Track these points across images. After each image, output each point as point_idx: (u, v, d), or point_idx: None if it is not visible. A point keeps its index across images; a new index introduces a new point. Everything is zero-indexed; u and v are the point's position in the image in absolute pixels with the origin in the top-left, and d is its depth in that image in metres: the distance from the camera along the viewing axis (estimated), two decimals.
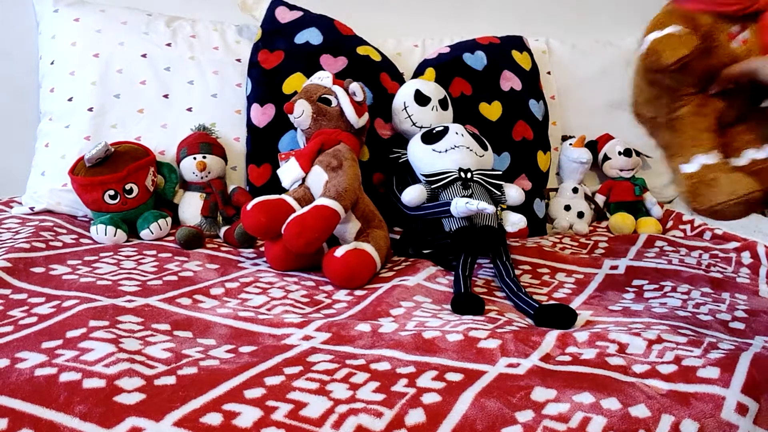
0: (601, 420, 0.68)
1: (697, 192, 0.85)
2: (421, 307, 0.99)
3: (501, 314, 0.99)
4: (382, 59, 1.53)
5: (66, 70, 1.47)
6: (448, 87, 1.49)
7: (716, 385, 0.74)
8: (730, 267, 1.25)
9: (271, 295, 1.02)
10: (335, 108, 1.26)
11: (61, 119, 1.44)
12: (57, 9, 1.53)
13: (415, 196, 1.20)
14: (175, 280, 1.05)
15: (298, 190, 1.20)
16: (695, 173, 0.85)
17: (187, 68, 1.50)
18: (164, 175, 1.37)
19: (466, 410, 0.68)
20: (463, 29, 1.74)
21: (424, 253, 1.25)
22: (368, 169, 1.41)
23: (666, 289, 1.11)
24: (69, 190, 1.33)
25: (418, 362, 0.79)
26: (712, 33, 0.86)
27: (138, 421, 0.63)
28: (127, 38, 1.50)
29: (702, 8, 0.87)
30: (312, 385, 0.71)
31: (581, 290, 1.12)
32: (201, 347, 0.81)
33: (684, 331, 0.90)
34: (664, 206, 1.67)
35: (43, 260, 1.09)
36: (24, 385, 0.68)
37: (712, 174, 0.84)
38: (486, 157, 1.29)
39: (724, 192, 0.82)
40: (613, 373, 0.77)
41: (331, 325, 0.89)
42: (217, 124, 1.46)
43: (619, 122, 1.74)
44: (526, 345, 0.84)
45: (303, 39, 1.48)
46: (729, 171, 0.85)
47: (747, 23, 0.87)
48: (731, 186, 0.82)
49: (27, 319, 0.86)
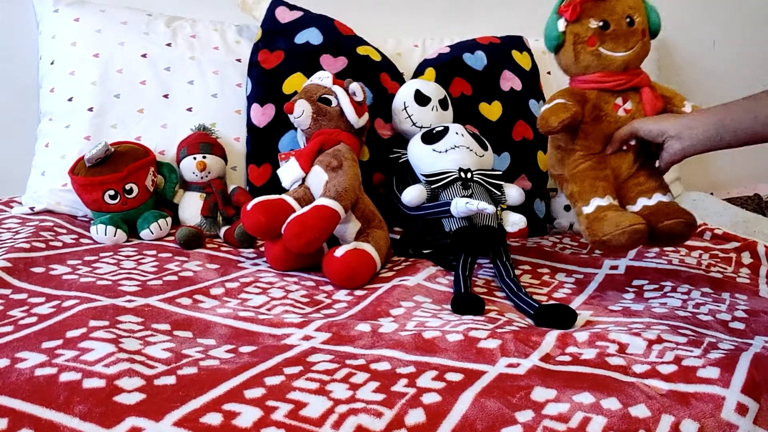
0: (601, 420, 0.68)
1: (591, 227, 1.03)
2: (421, 307, 0.99)
3: (501, 314, 0.99)
4: (382, 59, 1.53)
5: (66, 70, 1.47)
6: (448, 87, 1.49)
7: (716, 385, 0.74)
8: (730, 267, 1.25)
9: (271, 295, 1.02)
10: (335, 108, 1.26)
11: (61, 119, 1.44)
12: (57, 9, 1.53)
13: (415, 196, 1.20)
14: (175, 280, 1.05)
15: (298, 190, 1.20)
16: (591, 213, 1.05)
17: (187, 68, 1.50)
18: (164, 175, 1.37)
19: (466, 410, 0.68)
20: (463, 29, 1.74)
21: (424, 253, 1.25)
22: (368, 169, 1.41)
23: (666, 289, 1.11)
24: (69, 190, 1.33)
25: (418, 362, 0.79)
26: (599, 104, 1.08)
27: (138, 421, 0.63)
28: (127, 38, 1.50)
29: (588, 86, 1.10)
30: (312, 385, 0.71)
31: (581, 290, 1.12)
32: (201, 347, 0.81)
33: (684, 331, 0.90)
34: None
35: (43, 260, 1.09)
36: (24, 385, 0.68)
37: (603, 212, 1.03)
38: (486, 157, 1.29)
39: (612, 224, 1.00)
40: (613, 373, 0.77)
41: (331, 325, 0.89)
42: (217, 124, 1.46)
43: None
44: (526, 345, 0.84)
45: (303, 39, 1.48)
46: (618, 210, 1.04)
47: (628, 95, 1.09)
48: (617, 219, 1.00)
49: (27, 319, 0.86)
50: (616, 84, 1.09)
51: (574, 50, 1.09)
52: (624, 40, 1.08)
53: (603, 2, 1.08)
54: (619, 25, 1.08)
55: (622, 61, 1.09)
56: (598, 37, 1.08)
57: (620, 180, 1.09)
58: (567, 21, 1.09)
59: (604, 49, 1.08)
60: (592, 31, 1.08)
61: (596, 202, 1.05)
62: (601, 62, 1.09)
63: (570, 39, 1.09)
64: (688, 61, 2.02)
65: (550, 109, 1.06)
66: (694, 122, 1.00)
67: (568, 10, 1.08)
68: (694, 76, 2.02)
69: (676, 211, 1.04)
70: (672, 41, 1.99)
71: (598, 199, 1.05)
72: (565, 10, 1.09)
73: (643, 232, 0.99)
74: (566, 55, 1.12)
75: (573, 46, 1.09)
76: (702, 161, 2.01)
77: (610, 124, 1.08)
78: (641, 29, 1.10)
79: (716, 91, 2.05)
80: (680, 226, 1.03)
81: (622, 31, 1.08)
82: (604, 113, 1.08)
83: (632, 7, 1.10)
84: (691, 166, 1.93)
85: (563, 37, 1.10)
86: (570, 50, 1.10)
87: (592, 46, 1.08)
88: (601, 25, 1.08)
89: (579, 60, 1.10)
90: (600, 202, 1.05)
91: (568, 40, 1.10)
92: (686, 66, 2.02)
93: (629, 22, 1.09)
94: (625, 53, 1.09)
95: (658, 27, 1.14)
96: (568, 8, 1.08)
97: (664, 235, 1.03)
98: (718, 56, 2.03)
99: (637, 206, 1.08)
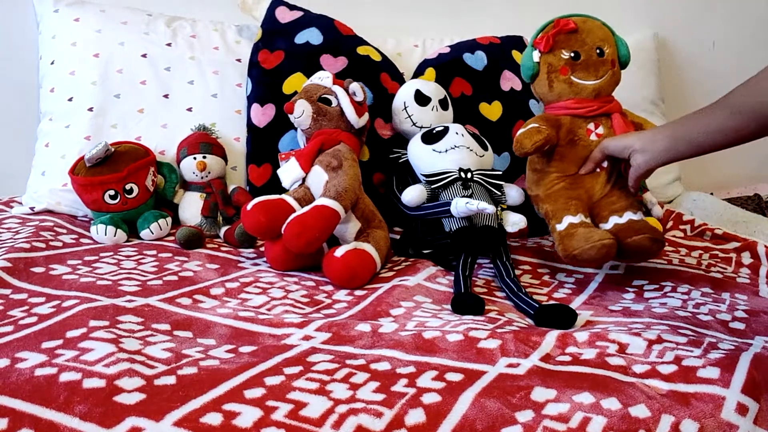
0: (601, 420, 0.68)
1: (563, 242, 1.09)
2: (421, 307, 0.99)
3: (501, 314, 0.99)
4: (382, 59, 1.53)
5: (66, 70, 1.47)
6: (449, 87, 1.49)
7: (716, 386, 0.74)
8: (730, 267, 1.25)
9: (271, 295, 1.02)
10: (335, 108, 1.26)
11: (62, 119, 1.44)
12: (57, 9, 1.53)
13: (415, 196, 1.20)
14: (175, 280, 1.05)
15: (298, 190, 1.20)
16: (563, 230, 1.11)
17: (187, 68, 1.50)
18: (164, 175, 1.37)
19: (466, 410, 0.68)
20: (464, 29, 1.74)
21: (424, 253, 1.25)
22: (368, 169, 1.41)
23: (666, 289, 1.11)
24: (69, 190, 1.33)
25: (418, 362, 0.79)
26: (573, 129, 1.17)
27: (138, 421, 0.63)
28: (128, 38, 1.50)
29: (562, 113, 1.18)
30: (312, 385, 0.71)
31: (581, 290, 1.12)
32: (201, 347, 0.81)
33: (684, 331, 0.90)
34: (665, 206, 1.67)
35: (43, 260, 1.09)
36: (24, 385, 0.68)
37: (574, 229, 1.09)
38: (486, 157, 1.29)
39: (581, 239, 1.06)
40: (613, 373, 0.77)
41: (331, 325, 0.89)
42: (217, 124, 1.46)
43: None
44: (526, 345, 0.84)
45: (303, 39, 1.48)
46: (588, 226, 1.10)
47: (600, 121, 1.18)
48: (587, 235, 1.06)
49: (27, 319, 0.86)
50: (588, 110, 1.17)
51: (548, 79, 1.18)
52: (594, 70, 1.17)
53: (574, 35, 1.18)
54: (589, 55, 1.17)
55: (592, 88, 1.18)
56: (569, 67, 1.17)
57: (594, 200, 1.16)
58: (541, 52, 1.18)
59: (575, 77, 1.17)
60: (564, 61, 1.17)
61: (568, 219, 1.12)
62: (573, 90, 1.18)
63: (544, 69, 1.18)
64: (688, 61, 2.02)
65: (524, 133, 1.14)
66: (656, 135, 1.07)
67: (542, 42, 1.17)
68: (694, 76, 2.02)
69: (644, 227, 1.10)
70: (672, 41, 1.99)
71: (570, 217, 1.12)
72: (540, 42, 1.18)
73: (611, 247, 1.05)
74: (541, 84, 1.20)
75: (547, 75, 1.18)
76: (702, 161, 2.00)
77: (584, 147, 1.16)
78: (611, 59, 1.19)
79: (716, 91, 2.03)
80: (646, 241, 1.08)
81: (592, 61, 1.17)
82: (578, 137, 1.16)
83: (602, 39, 1.19)
84: (691, 166, 1.93)
85: (538, 68, 1.19)
86: (544, 79, 1.19)
87: (564, 75, 1.17)
88: (572, 55, 1.17)
89: (553, 88, 1.19)
90: (572, 220, 1.11)
91: (542, 70, 1.19)
92: (686, 66, 2.02)
93: (599, 53, 1.18)
94: (596, 81, 1.17)
95: (627, 58, 1.22)
96: (542, 41, 1.18)
97: (632, 250, 1.08)
98: (718, 56, 2.03)
99: (609, 224, 1.14)
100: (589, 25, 1.20)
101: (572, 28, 1.18)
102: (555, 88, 1.18)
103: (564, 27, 1.17)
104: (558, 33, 1.17)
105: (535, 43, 1.19)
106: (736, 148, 0.99)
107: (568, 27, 1.17)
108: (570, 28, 1.17)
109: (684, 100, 2.01)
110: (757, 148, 1.94)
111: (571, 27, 1.18)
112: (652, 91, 1.84)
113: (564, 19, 1.19)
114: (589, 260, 1.07)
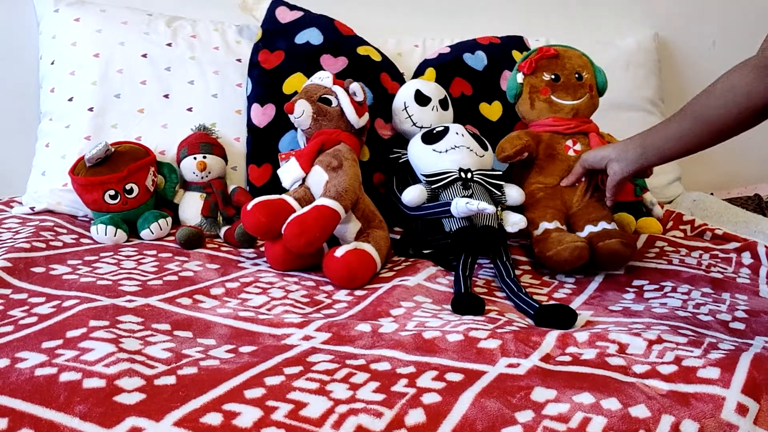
0: (601, 420, 0.68)
1: (538, 245, 1.18)
2: (421, 307, 0.99)
3: (501, 314, 0.99)
4: (382, 59, 1.53)
5: (66, 70, 1.47)
6: (449, 87, 1.49)
7: (716, 386, 0.74)
8: (730, 267, 1.25)
9: (272, 295, 1.02)
10: (335, 108, 1.26)
11: (62, 119, 1.44)
12: (57, 9, 1.53)
13: (416, 196, 1.20)
14: (176, 280, 1.05)
15: (298, 190, 1.20)
16: (539, 234, 1.19)
17: (187, 68, 1.50)
18: (164, 175, 1.37)
19: (466, 410, 0.68)
20: (464, 29, 1.74)
21: (425, 253, 1.25)
22: (368, 169, 1.41)
23: (666, 290, 1.11)
24: (69, 190, 1.33)
25: (418, 362, 0.79)
26: (552, 144, 1.26)
27: (138, 421, 0.63)
28: (128, 38, 1.50)
29: (542, 129, 1.28)
30: (312, 385, 0.71)
31: (581, 290, 1.12)
32: (201, 347, 0.81)
33: (684, 332, 0.90)
34: (665, 206, 1.67)
35: (43, 260, 1.09)
36: (24, 385, 0.68)
37: (549, 233, 1.17)
38: (486, 157, 1.29)
39: (555, 242, 1.14)
40: (613, 374, 0.77)
41: (331, 325, 0.89)
42: (218, 124, 1.46)
43: (619, 122, 1.74)
44: (526, 345, 0.84)
45: (303, 39, 1.48)
46: (563, 231, 1.18)
47: (578, 139, 1.27)
48: (560, 238, 1.14)
49: (27, 318, 0.86)
50: (566, 128, 1.27)
51: (530, 98, 1.30)
52: (573, 91, 1.29)
53: (555, 59, 1.30)
54: (568, 78, 1.29)
55: (570, 108, 1.29)
56: (550, 88, 1.29)
57: (571, 211, 1.25)
58: (524, 74, 1.30)
59: (555, 97, 1.29)
60: (545, 82, 1.29)
61: (544, 225, 1.20)
62: (553, 108, 1.29)
63: (526, 89, 1.30)
64: (688, 61, 2.01)
65: (506, 139, 1.26)
66: (628, 145, 1.15)
67: (526, 65, 1.30)
68: (694, 76, 2.01)
69: (617, 233, 1.18)
70: (672, 41, 1.99)
71: (546, 223, 1.20)
72: (524, 65, 1.30)
73: (583, 249, 1.12)
74: (523, 103, 1.32)
75: (529, 95, 1.30)
76: (702, 161, 2.01)
77: (562, 161, 1.26)
78: (589, 84, 1.31)
79: None
80: (618, 245, 1.14)
81: (571, 83, 1.29)
82: (557, 152, 1.26)
83: (581, 66, 1.31)
84: (691, 166, 1.94)
85: (521, 88, 1.31)
86: (527, 98, 1.31)
87: (545, 95, 1.28)
88: (552, 77, 1.29)
89: (534, 106, 1.30)
90: (547, 226, 1.20)
91: (525, 91, 1.30)
92: (686, 66, 2.02)
93: (578, 77, 1.30)
94: (574, 102, 1.29)
95: (604, 86, 1.34)
96: (526, 64, 1.30)
97: (604, 254, 1.15)
98: (718, 56, 2.02)
99: (585, 232, 1.21)
100: (570, 53, 1.33)
101: (553, 53, 1.30)
102: (536, 106, 1.30)
103: (546, 53, 1.30)
104: (540, 58, 1.29)
105: (520, 67, 1.31)
106: (737, 148, 1.00)
107: (549, 53, 1.30)
108: (551, 53, 1.30)
109: (684, 100, 1.99)
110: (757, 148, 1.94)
111: (552, 53, 1.30)
112: (652, 91, 1.84)
113: (546, 47, 1.32)
114: (563, 261, 1.13)
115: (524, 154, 1.24)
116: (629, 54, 1.83)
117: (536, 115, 1.30)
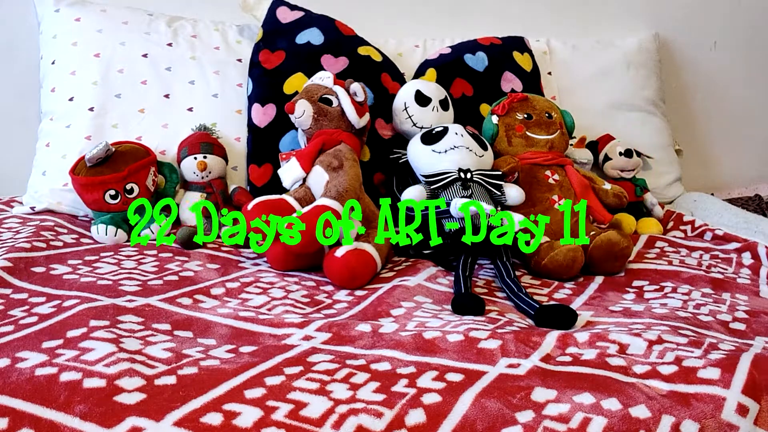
0: (602, 420, 0.68)
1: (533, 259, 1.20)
2: (421, 308, 0.99)
3: (501, 315, 0.99)
4: (383, 59, 1.53)
5: (67, 69, 1.47)
6: (449, 87, 1.49)
7: (717, 386, 0.74)
8: (730, 267, 1.25)
9: (272, 295, 1.02)
10: (336, 108, 1.26)
11: (62, 119, 1.44)
12: (58, 9, 1.53)
13: (415, 197, 1.20)
14: (176, 280, 1.05)
15: (298, 190, 1.20)
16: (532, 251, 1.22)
17: (188, 68, 1.50)
18: (165, 175, 1.37)
19: (467, 410, 0.68)
20: (465, 30, 1.74)
21: (425, 253, 1.25)
22: (369, 170, 1.41)
23: (666, 290, 1.11)
24: (70, 190, 1.33)
25: (419, 362, 0.79)
26: (533, 173, 1.33)
27: (138, 421, 0.63)
28: (128, 38, 1.50)
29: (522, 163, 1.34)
30: (312, 385, 0.71)
31: (582, 291, 1.12)
32: (201, 347, 0.81)
33: (684, 332, 0.90)
34: (665, 207, 1.67)
35: (43, 260, 1.09)
36: (24, 385, 0.68)
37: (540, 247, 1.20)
38: (486, 158, 1.29)
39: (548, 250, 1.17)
40: (614, 374, 0.77)
41: (331, 325, 0.89)
42: (218, 124, 1.46)
43: (620, 123, 1.74)
44: (526, 345, 0.84)
45: (304, 39, 1.48)
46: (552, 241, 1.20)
47: (556, 170, 1.34)
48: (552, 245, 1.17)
49: (27, 318, 0.86)
50: (544, 159, 1.35)
51: (507, 136, 1.37)
52: (546, 127, 1.38)
53: (525, 102, 1.40)
54: (540, 116, 1.38)
55: (545, 141, 1.37)
56: (524, 125, 1.37)
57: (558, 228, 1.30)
58: (499, 116, 1.38)
59: (530, 133, 1.37)
60: (519, 120, 1.38)
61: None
62: (530, 143, 1.36)
63: (503, 129, 1.37)
64: (688, 61, 2.02)
65: (499, 159, 1.32)
66: None
67: (499, 108, 1.38)
68: (694, 76, 2.02)
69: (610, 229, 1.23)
70: (672, 41, 1.99)
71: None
72: (497, 109, 1.38)
73: (577, 251, 1.16)
74: (501, 142, 1.38)
75: (505, 133, 1.37)
76: (702, 162, 2.02)
77: (542, 186, 1.32)
78: (558, 122, 1.40)
79: (716, 91, 2.05)
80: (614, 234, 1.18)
81: (543, 120, 1.38)
82: (538, 180, 1.33)
83: (549, 107, 1.41)
84: (691, 166, 1.94)
85: (497, 129, 1.38)
86: (503, 137, 1.37)
87: (520, 132, 1.36)
88: (526, 116, 1.38)
89: (512, 143, 1.37)
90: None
91: (501, 130, 1.37)
92: (686, 66, 2.02)
93: (548, 116, 1.39)
94: (548, 136, 1.37)
95: (572, 125, 1.43)
96: (499, 107, 1.38)
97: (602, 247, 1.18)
98: (718, 56, 2.03)
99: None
100: (537, 98, 1.44)
101: (523, 97, 1.40)
102: (513, 143, 1.36)
103: (516, 96, 1.39)
104: (512, 101, 1.38)
105: (494, 110, 1.39)
106: (737, 148, 0.99)
107: (519, 96, 1.40)
108: (521, 97, 1.40)
109: (684, 101, 2.01)
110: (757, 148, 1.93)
111: (522, 96, 1.40)
112: (652, 91, 1.83)
113: (516, 93, 1.43)
114: (558, 266, 1.16)
115: (515, 174, 1.31)
116: (630, 54, 1.83)
117: (514, 151, 1.36)
